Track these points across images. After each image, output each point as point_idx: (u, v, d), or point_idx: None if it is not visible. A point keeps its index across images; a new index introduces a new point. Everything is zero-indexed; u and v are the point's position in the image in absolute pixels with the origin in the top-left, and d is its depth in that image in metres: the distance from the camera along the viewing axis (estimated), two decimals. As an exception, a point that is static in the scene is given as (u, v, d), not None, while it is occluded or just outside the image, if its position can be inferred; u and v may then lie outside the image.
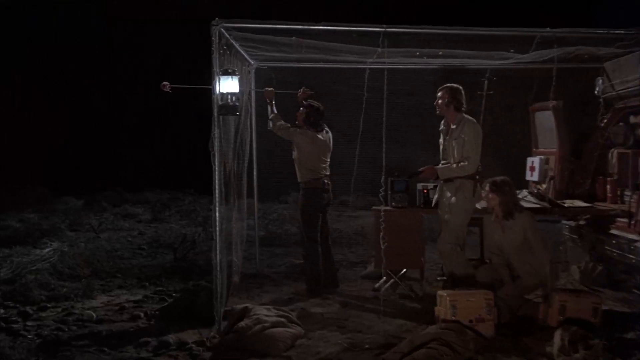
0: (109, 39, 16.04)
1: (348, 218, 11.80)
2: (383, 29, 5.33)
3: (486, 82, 7.12)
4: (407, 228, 6.35)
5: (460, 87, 5.87)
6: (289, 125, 6.62)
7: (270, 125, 6.66)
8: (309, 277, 6.66)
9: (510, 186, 5.69)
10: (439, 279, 6.76)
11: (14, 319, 5.83)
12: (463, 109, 5.87)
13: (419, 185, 6.47)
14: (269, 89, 6.77)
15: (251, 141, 7.36)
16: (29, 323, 5.72)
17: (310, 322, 5.61)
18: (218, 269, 5.38)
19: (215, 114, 5.26)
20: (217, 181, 5.31)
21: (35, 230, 9.61)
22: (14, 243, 9.11)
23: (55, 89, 16.11)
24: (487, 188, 5.67)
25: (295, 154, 6.67)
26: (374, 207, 6.65)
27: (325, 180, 6.65)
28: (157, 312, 5.93)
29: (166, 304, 6.12)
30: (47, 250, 7.56)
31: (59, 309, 6.19)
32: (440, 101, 5.89)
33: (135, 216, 12.07)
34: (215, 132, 5.25)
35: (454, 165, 5.76)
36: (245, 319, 5.13)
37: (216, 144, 5.26)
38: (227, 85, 5.24)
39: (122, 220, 11.56)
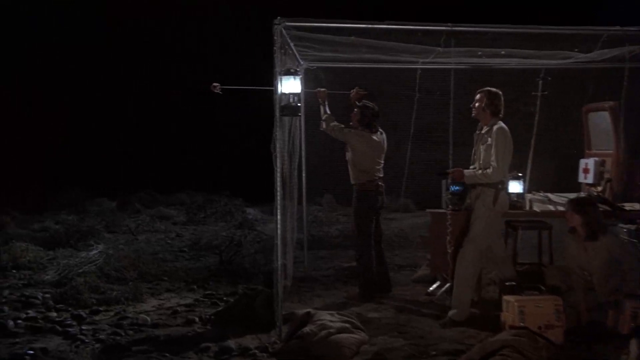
0: (152, 36, 15.97)
1: (385, 220, 11.65)
2: (449, 28, 5.22)
3: (540, 82, 6.98)
4: (464, 232, 6.20)
5: (500, 92, 5.59)
6: (342, 126, 6.53)
7: (324, 125, 6.56)
8: (363, 281, 6.55)
9: (593, 206, 5.45)
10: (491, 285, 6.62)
11: (68, 322, 5.78)
12: (500, 115, 5.64)
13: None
14: (322, 89, 6.67)
15: (300, 142, 7.29)
16: (84, 327, 5.67)
17: (370, 327, 5.51)
18: (280, 273, 5.28)
19: (277, 115, 5.17)
20: (278, 183, 5.22)
21: (74, 232, 9.59)
22: (56, 245, 9.12)
23: (88, 90, 16.14)
24: (568, 207, 5.47)
25: (349, 155, 6.57)
26: (428, 210, 6.53)
27: (380, 183, 6.55)
28: (212, 317, 5.86)
29: (221, 308, 6.05)
30: (93, 252, 7.49)
31: (112, 313, 6.14)
32: (477, 104, 5.67)
33: (169, 218, 12.05)
34: (277, 133, 5.17)
35: (479, 172, 5.56)
36: (310, 325, 5.04)
37: (278, 145, 5.18)
38: (289, 85, 5.16)
39: (158, 222, 11.50)
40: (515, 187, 6.51)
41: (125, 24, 15.47)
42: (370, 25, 5.18)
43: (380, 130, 6.64)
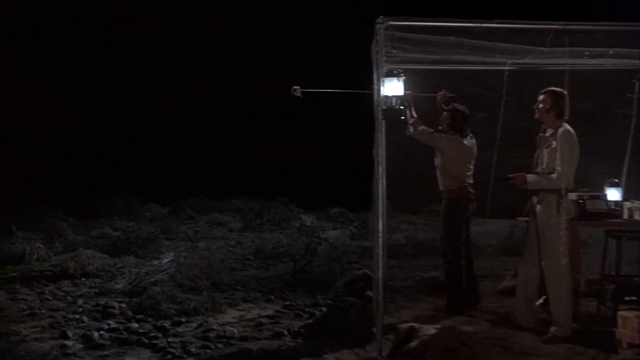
0: (232, 35, 15.92)
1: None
2: (561, 27, 4.96)
3: (638, 84, 6.67)
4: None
5: (565, 93, 5.36)
6: (431, 130, 6.29)
7: (411, 130, 6.33)
8: (452, 293, 6.30)
9: None
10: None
11: (153, 334, 5.62)
12: (565, 116, 5.37)
13: (573, 195, 6.03)
14: (408, 92, 6.43)
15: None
16: (170, 339, 5.50)
17: (469, 342, 5.24)
18: (380, 284, 5.06)
19: (380, 118, 4.96)
20: (380, 190, 5.01)
21: (135, 239, 9.47)
22: (118, 252, 9.04)
23: (142, 94, 16.14)
24: None
25: (438, 160, 6.33)
26: (519, 218, 6.24)
27: (470, 189, 6.30)
28: (301, 330, 5.65)
29: (310, 320, 5.83)
30: (165, 261, 7.35)
31: (194, 324, 5.98)
32: (540, 105, 5.46)
33: (224, 224, 11.91)
34: (380, 138, 4.96)
35: (543, 177, 5.35)
36: (415, 340, 4.80)
37: (380, 150, 4.97)
38: (392, 87, 4.95)
39: (214, 229, 11.38)
40: (613, 194, 6.25)
41: (212, 21, 15.34)
42: (478, 24, 4.95)
43: (471, 134, 6.39)
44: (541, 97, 5.48)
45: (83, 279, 7.74)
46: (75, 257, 8.19)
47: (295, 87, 6.20)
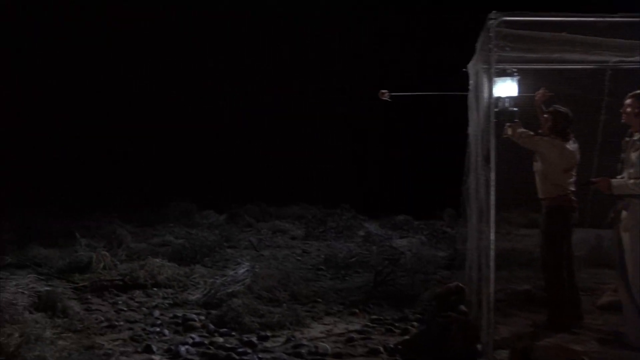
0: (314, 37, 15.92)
1: (520, 237, 11.06)
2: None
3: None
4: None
5: None
6: (532, 133, 6.02)
7: (509, 132, 6.06)
8: (554, 308, 6.01)
9: None
10: None
11: (241, 350, 5.48)
12: None
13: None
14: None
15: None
16: (260, 355, 5.36)
17: (587, 364, 4.96)
18: (491, 299, 4.82)
19: (492, 121, 4.72)
20: (492, 198, 4.76)
21: (201, 248, 9.40)
22: (183, 260, 8.96)
23: (186, 96, 16.18)
24: None
25: (538, 165, 6.06)
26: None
27: (573, 197, 6.00)
28: (398, 347, 5.44)
29: (407, 337, 5.62)
30: (242, 271, 7.22)
31: (281, 339, 5.84)
32: (628, 109, 5.34)
33: (286, 232, 11.78)
34: (492, 142, 4.71)
35: (630, 181, 5.15)
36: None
37: (493, 155, 4.73)
38: (505, 88, 4.70)
39: (276, 237, 11.26)
40: None
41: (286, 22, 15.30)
42: (603, 19, 4.66)
43: (574, 138, 6.10)
44: (628, 101, 5.39)
45: (155, 289, 7.66)
46: (145, 266, 8.11)
47: (382, 91, 6.01)
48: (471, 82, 6.12)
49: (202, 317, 6.45)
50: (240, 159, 15.45)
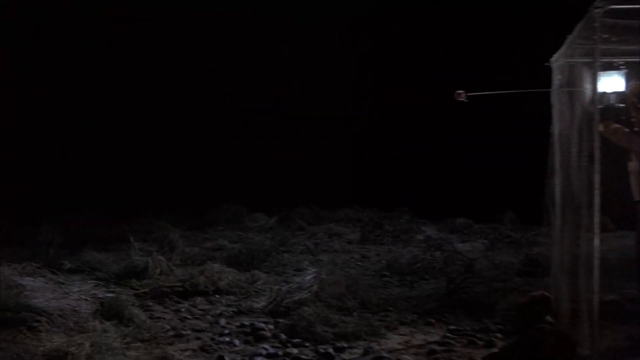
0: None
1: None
2: None
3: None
4: None
5: None
6: (628, 130, 5.72)
7: (601, 128, 5.75)
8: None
9: None
10: None
11: (319, 362, 5.31)
12: None
13: None
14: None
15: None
16: (340, 367, 5.18)
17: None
18: (595, 310, 4.56)
19: (596, 119, 4.46)
20: (596, 201, 4.50)
21: (257, 252, 9.29)
22: (241, 266, 8.86)
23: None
24: None
25: (633, 165, 5.76)
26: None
27: (673, 200, 5.69)
28: (487, 360, 5.21)
29: (495, 350, 5.39)
30: (309, 277, 7.06)
31: (358, 350, 5.67)
32: None
33: (340, 236, 11.61)
34: (596, 141, 4.46)
35: None
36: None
37: (597, 155, 4.47)
38: (610, 82, 4.44)
39: (331, 241, 11.10)
40: None
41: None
42: None
43: (673, 136, 5.78)
44: None
45: (217, 296, 7.55)
46: (204, 271, 8.02)
47: (458, 91, 5.79)
48: (558, 77, 5.87)
49: (272, 327, 6.30)
50: (289, 161, 15.29)
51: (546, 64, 6.20)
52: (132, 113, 15.66)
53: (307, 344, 5.78)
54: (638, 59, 5.09)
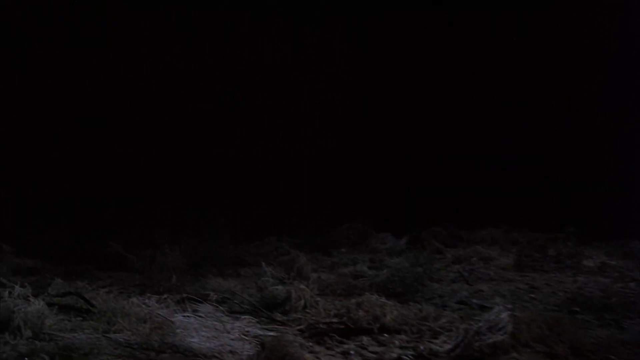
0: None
1: None
2: None
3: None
4: None
5: None
6: None
7: None
8: None
9: None
10: None
11: None
12: None
13: None
14: None
15: None
16: None
17: None
18: None
19: None
20: None
21: (402, 280, 8.72)
22: (396, 297, 8.26)
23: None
24: None
25: None
26: None
27: None
28: None
29: None
30: (503, 315, 6.34)
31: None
32: None
33: (489, 260, 10.86)
34: None
35: None
36: None
37: None
38: None
39: (480, 266, 10.39)
40: None
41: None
42: None
43: None
44: None
45: (385, 335, 6.94)
46: (362, 304, 7.44)
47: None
48: None
49: (472, 377, 5.63)
50: (417, 176, 14.64)
51: None
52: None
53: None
54: None
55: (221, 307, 7.69)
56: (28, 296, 7.10)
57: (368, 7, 15.56)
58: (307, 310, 7.76)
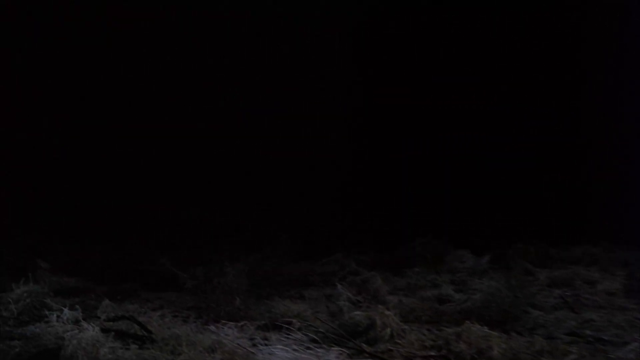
0: None
1: None
2: None
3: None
4: None
5: None
6: None
7: None
8: None
9: None
10: None
11: None
12: None
13: None
14: None
15: None
16: None
17: None
18: None
19: None
20: None
21: (510, 307, 8.16)
22: (493, 325, 7.62)
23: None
24: None
25: None
26: None
27: None
28: None
29: None
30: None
31: None
32: None
33: (592, 284, 10.18)
34: None
35: None
36: None
37: None
38: None
39: (586, 292, 9.72)
40: None
41: None
42: None
43: None
44: None
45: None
46: (462, 334, 6.87)
47: None
48: None
49: None
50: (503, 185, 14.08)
51: None
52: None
53: None
54: None
55: (299, 336, 7.15)
56: (79, 320, 6.67)
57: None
58: (397, 341, 7.17)
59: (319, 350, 6.61)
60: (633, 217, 12.71)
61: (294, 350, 6.33)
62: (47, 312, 7.24)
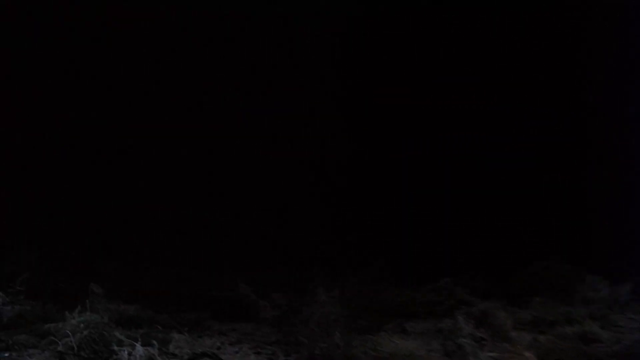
0: None
1: None
2: None
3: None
4: None
5: None
6: None
7: None
8: None
9: None
10: None
11: None
12: None
13: None
14: None
15: None
16: None
17: None
18: None
19: None
20: None
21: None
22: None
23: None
24: None
25: None
26: None
27: None
28: None
29: None
30: None
31: None
32: None
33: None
34: None
35: None
36: None
37: None
38: None
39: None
40: None
41: None
42: None
43: None
44: None
45: None
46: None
47: None
48: None
49: None
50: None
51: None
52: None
53: None
54: None
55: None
56: (154, 358, 5.92)
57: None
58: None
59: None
60: None
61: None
62: (115, 348, 6.49)
